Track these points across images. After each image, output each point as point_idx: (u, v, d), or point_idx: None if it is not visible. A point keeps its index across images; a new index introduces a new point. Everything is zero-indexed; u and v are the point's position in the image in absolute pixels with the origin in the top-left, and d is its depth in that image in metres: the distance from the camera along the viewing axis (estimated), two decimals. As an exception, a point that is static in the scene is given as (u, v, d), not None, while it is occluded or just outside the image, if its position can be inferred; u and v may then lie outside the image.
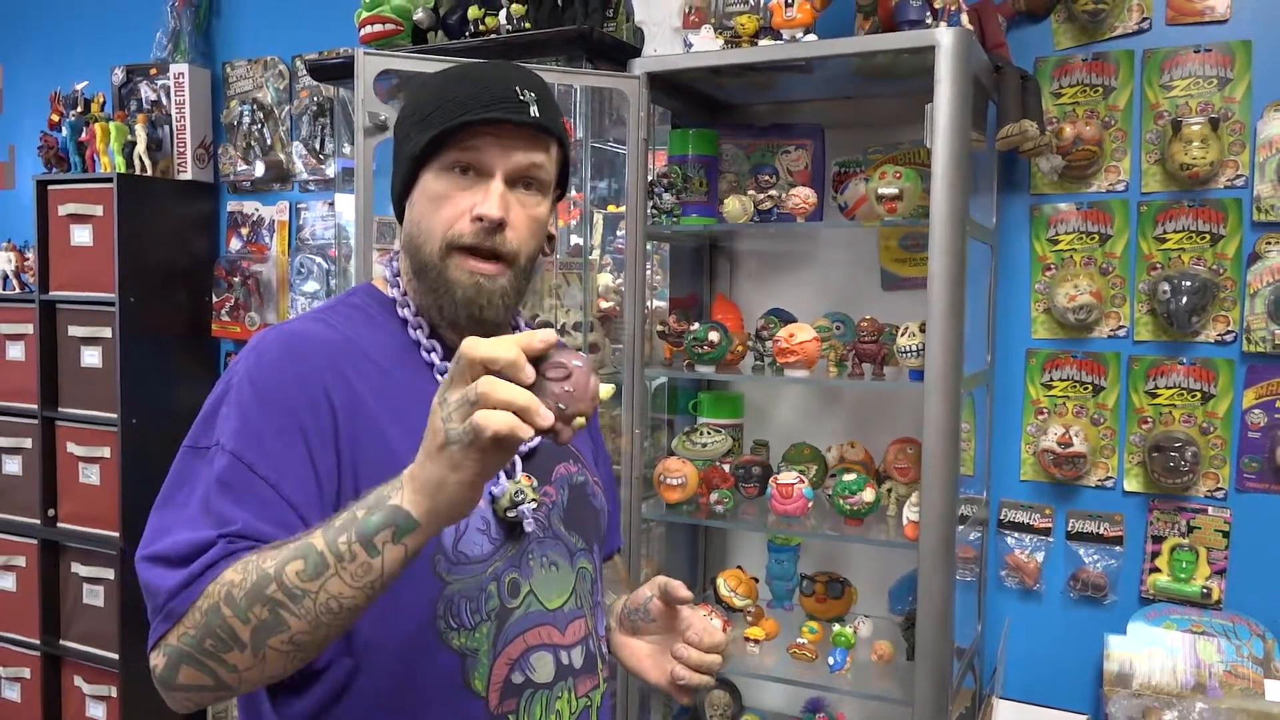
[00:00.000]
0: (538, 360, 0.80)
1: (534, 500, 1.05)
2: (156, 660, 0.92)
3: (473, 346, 0.78)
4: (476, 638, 1.01)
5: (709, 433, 2.15)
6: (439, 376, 1.08)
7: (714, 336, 1.95)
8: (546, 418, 0.77)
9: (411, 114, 1.07)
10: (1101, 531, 2.09)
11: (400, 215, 1.11)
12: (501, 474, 1.05)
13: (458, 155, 1.03)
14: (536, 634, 1.05)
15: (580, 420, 0.81)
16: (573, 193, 2.22)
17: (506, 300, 1.07)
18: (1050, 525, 2.13)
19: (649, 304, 2.17)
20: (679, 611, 1.15)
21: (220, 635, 0.86)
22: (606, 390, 0.87)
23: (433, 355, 1.08)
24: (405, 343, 1.09)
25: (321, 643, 0.87)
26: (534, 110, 1.03)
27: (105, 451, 2.95)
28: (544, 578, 1.07)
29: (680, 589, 1.12)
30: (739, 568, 2.15)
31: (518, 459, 1.09)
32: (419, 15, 2.25)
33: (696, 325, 1.99)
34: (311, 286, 3.00)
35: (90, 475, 2.99)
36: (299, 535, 0.87)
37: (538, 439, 1.03)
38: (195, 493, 0.94)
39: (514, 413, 0.76)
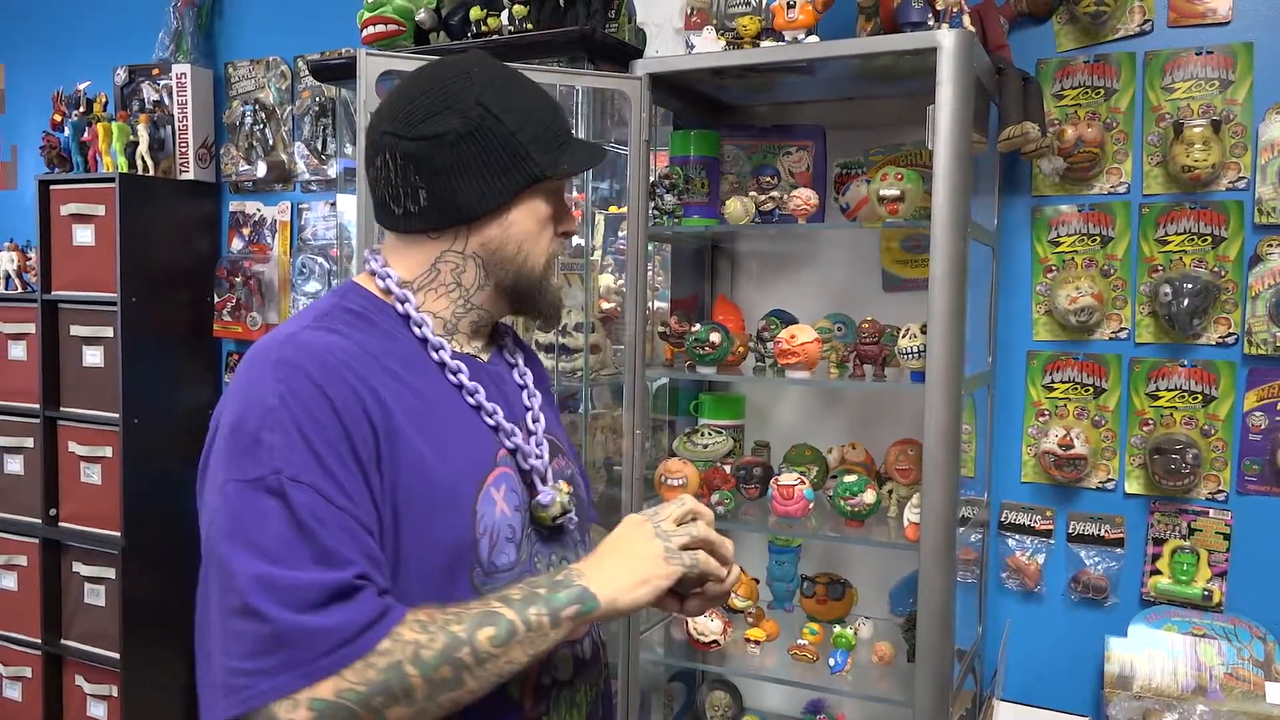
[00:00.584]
0: None
1: (573, 510, 1.11)
2: (295, 716, 0.83)
3: (700, 507, 1.11)
4: None
5: (710, 434, 2.15)
6: (468, 399, 1.07)
7: (715, 338, 1.95)
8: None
9: (515, 122, 1.06)
10: (1102, 533, 2.08)
11: (460, 220, 1.07)
12: (545, 482, 1.10)
13: (560, 184, 1.12)
14: None
15: None
16: (574, 194, 2.22)
17: None
18: (1051, 527, 2.13)
19: (650, 305, 2.17)
20: None
21: (394, 692, 0.86)
22: None
23: (460, 376, 1.07)
24: (413, 349, 1.06)
25: (468, 703, 0.91)
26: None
27: (107, 451, 2.95)
28: None
29: None
30: (740, 569, 2.15)
31: (551, 468, 1.12)
32: (421, 16, 2.25)
33: (698, 326, 1.99)
34: (313, 286, 3.00)
35: (92, 475, 2.99)
36: (470, 604, 0.93)
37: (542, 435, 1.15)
38: (275, 528, 0.87)
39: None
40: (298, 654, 0.83)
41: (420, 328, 1.07)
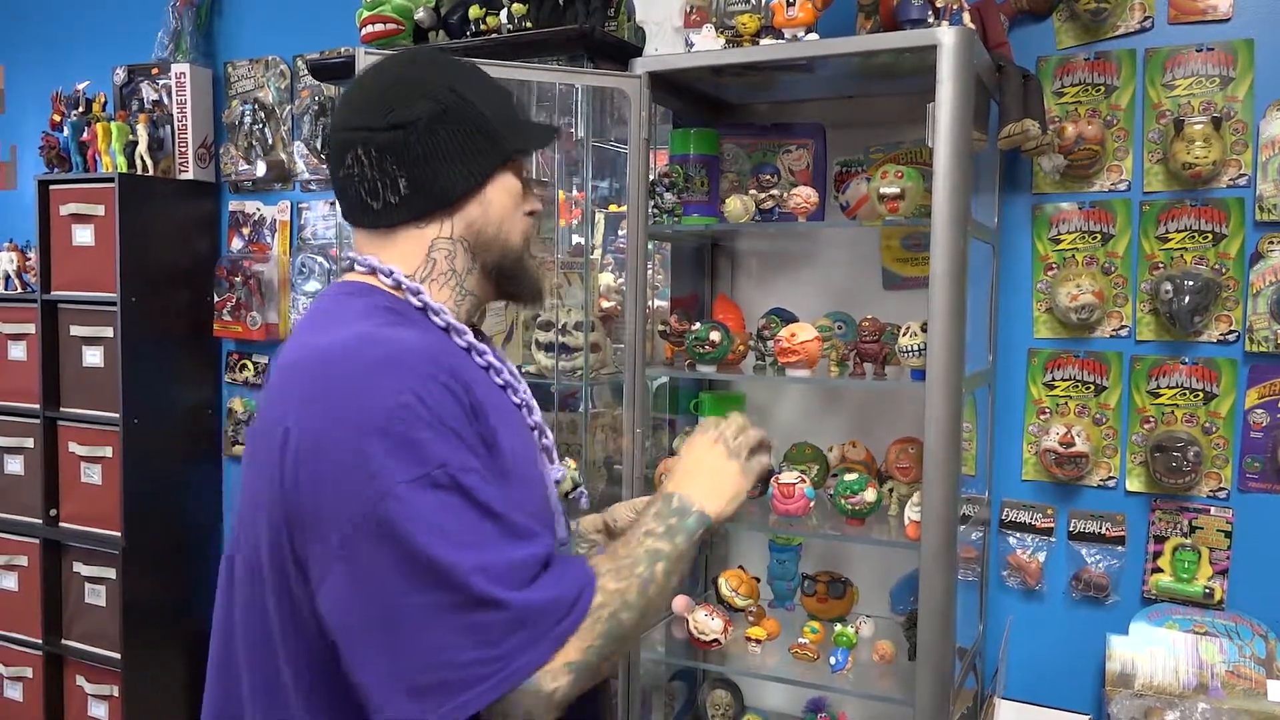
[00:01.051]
0: None
1: (582, 483, 1.18)
2: (558, 682, 0.90)
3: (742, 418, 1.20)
4: None
5: (710, 432, 2.14)
6: (496, 378, 1.11)
7: (715, 336, 1.95)
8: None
9: (484, 107, 1.08)
10: (1103, 531, 2.08)
11: (442, 205, 1.08)
12: (554, 460, 1.18)
13: (522, 164, 1.14)
14: None
15: None
16: (575, 192, 2.22)
17: None
18: (1052, 525, 2.13)
19: (650, 303, 2.17)
20: None
21: (617, 636, 0.95)
22: None
23: (488, 357, 1.11)
24: (449, 344, 1.07)
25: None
26: None
27: (107, 451, 2.95)
28: None
29: None
30: (740, 568, 2.15)
31: (554, 446, 1.19)
32: (420, 15, 2.25)
33: (698, 325, 1.99)
34: (313, 286, 3.00)
35: (92, 475, 2.99)
36: (627, 547, 1.01)
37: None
38: (464, 519, 0.90)
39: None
40: (539, 627, 0.89)
41: (439, 315, 1.08)
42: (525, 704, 0.89)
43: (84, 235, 2.95)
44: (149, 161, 3.00)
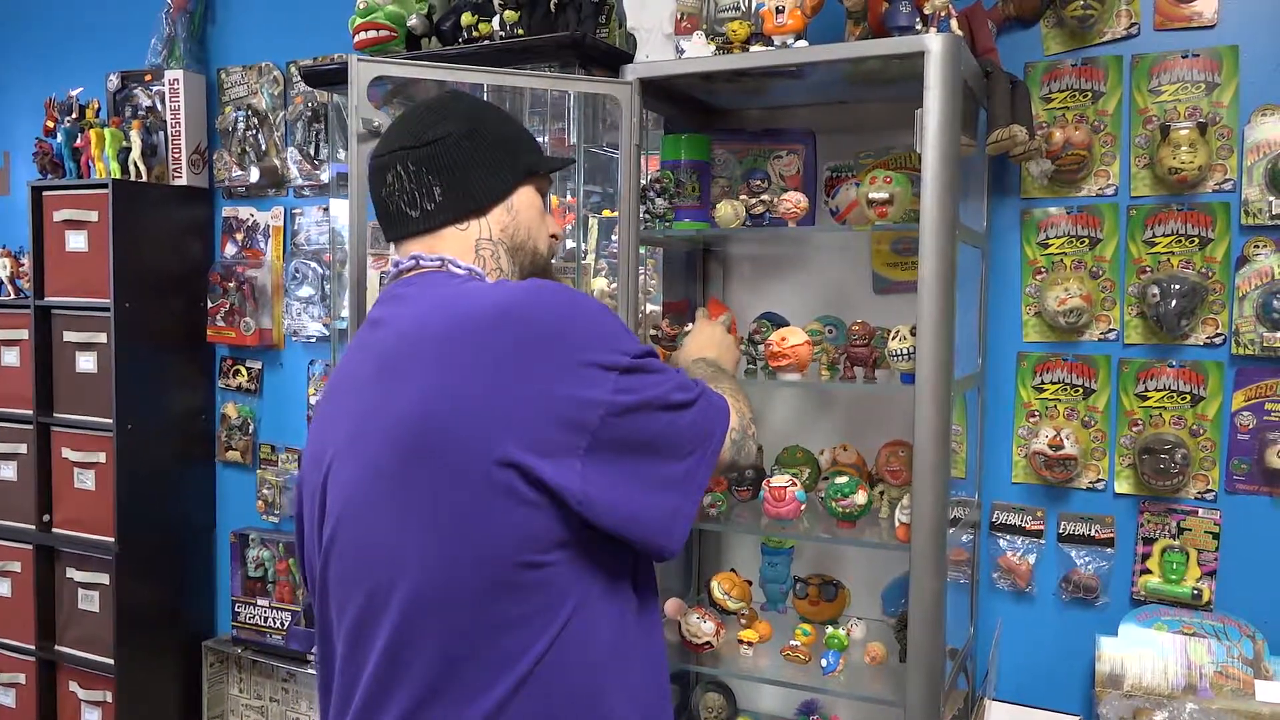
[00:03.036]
0: None
1: None
2: (726, 451, 1.22)
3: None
4: None
5: (702, 436, 2.15)
6: None
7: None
8: None
9: (509, 130, 1.26)
10: (1093, 533, 2.10)
11: (470, 213, 1.21)
12: None
13: (546, 185, 1.31)
14: None
15: None
16: (567, 198, 2.23)
17: None
18: (1042, 527, 2.14)
19: (643, 308, 2.18)
20: None
21: (743, 427, 1.30)
22: None
23: None
24: None
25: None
26: None
27: (100, 457, 2.95)
28: None
29: None
30: (732, 570, 2.16)
31: None
32: (413, 22, 2.26)
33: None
34: (306, 291, 3.01)
35: (85, 481, 2.99)
36: (709, 382, 1.28)
37: None
38: (673, 375, 1.13)
39: None
40: (720, 415, 1.19)
41: None
42: (737, 453, 1.26)
43: (77, 241, 2.96)
44: (142, 167, 3.00)
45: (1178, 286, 1.97)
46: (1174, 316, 1.97)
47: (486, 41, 2.15)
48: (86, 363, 2.97)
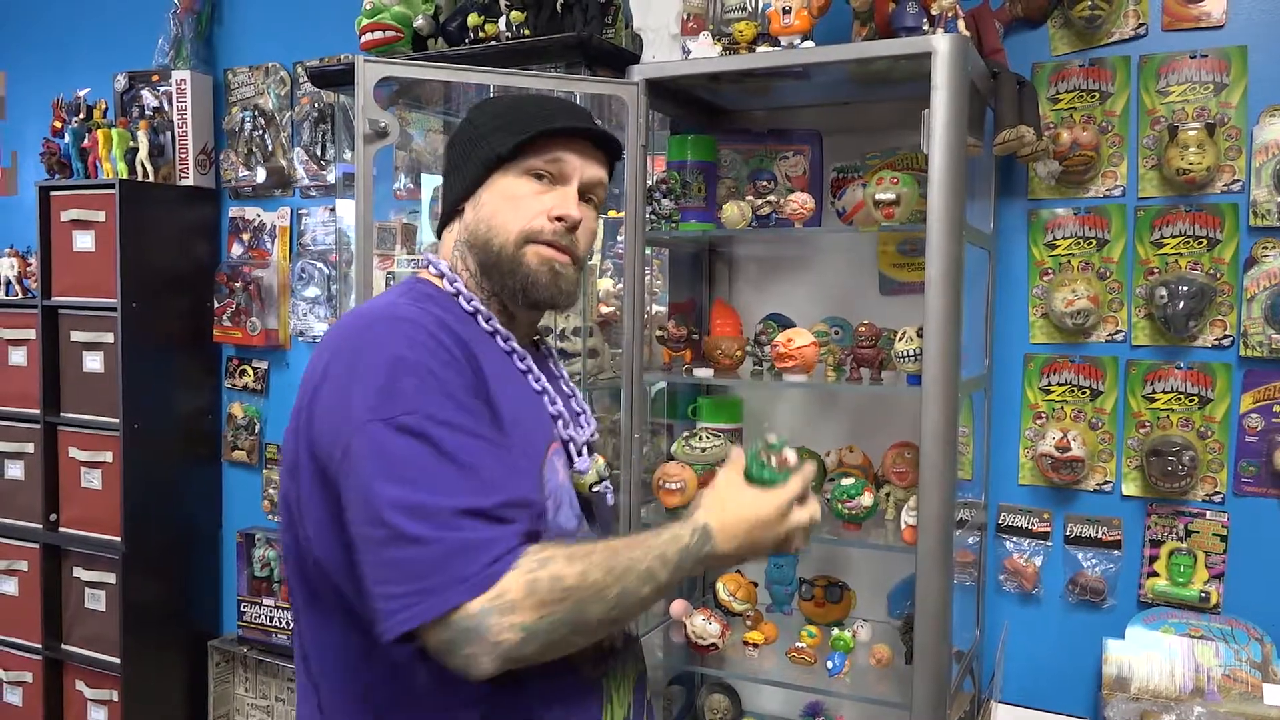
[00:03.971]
0: None
1: (608, 477, 1.20)
2: (504, 636, 0.93)
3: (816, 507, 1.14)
4: None
5: (708, 437, 2.15)
6: (520, 368, 1.17)
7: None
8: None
9: (486, 122, 1.18)
10: (1100, 535, 2.09)
11: (451, 217, 1.20)
12: (585, 453, 1.19)
13: (541, 163, 1.15)
14: None
15: None
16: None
17: (574, 292, 1.19)
18: (1048, 529, 2.14)
19: (648, 309, 2.18)
20: None
21: (573, 621, 0.96)
22: None
23: (511, 343, 1.17)
24: (479, 333, 1.14)
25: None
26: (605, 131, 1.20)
27: (107, 456, 2.96)
28: None
29: None
30: (738, 572, 2.15)
31: (586, 445, 1.21)
32: (419, 22, 2.26)
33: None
34: (312, 292, 3.01)
35: (92, 480, 3.00)
36: (624, 542, 1.03)
37: (594, 433, 1.26)
38: (421, 462, 0.95)
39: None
40: (467, 565, 0.92)
41: (469, 302, 1.15)
42: (467, 644, 0.92)
43: (85, 241, 2.96)
44: (149, 168, 3.01)
45: (1186, 288, 1.97)
46: (1182, 318, 1.97)
47: (493, 42, 2.15)
48: (93, 362, 2.98)
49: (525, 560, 0.94)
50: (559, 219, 1.14)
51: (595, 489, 1.18)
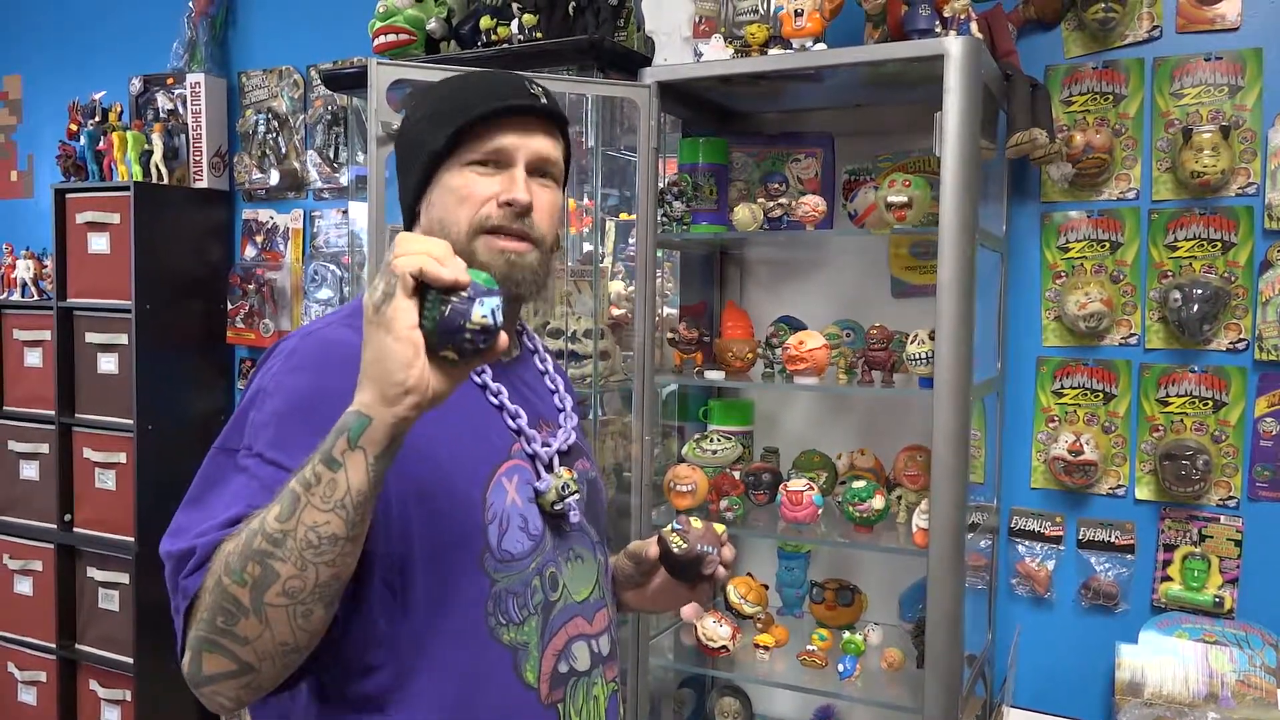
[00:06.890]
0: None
1: (576, 492, 1.11)
2: (185, 660, 0.93)
3: (404, 239, 0.84)
4: (525, 631, 1.05)
5: (719, 439, 2.15)
6: (475, 378, 1.10)
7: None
8: (454, 269, 0.82)
9: (422, 118, 1.10)
10: (1113, 540, 2.08)
11: (411, 221, 1.13)
12: (542, 470, 1.11)
13: (478, 153, 1.07)
14: (574, 625, 1.11)
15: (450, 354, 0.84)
16: (585, 200, 2.23)
17: (537, 279, 1.10)
18: (1061, 533, 2.13)
19: (660, 311, 2.18)
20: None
21: (227, 608, 0.87)
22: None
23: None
24: None
25: (316, 591, 0.85)
26: (544, 100, 1.10)
27: (121, 457, 2.97)
28: (573, 571, 1.12)
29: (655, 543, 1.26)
30: (749, 574, 2.15)
31: (556, 455, 1.14)
32: (432, 25, 2.27)
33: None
34: (325, 294, 3.02)
35: (106, 481, 3.02)
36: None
37: (571, 437, 1.17)
38: (225, 495, 0.97)
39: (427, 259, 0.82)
40: (175, 599, 0.98)
41: None
42: (187, 671, 0.92)
43: (99, 243, 2.98)
44: (164, 170, 3.03)
45: (1200, 291, 1.96)
46: (1196, 321, 1.96)
47: (505, 45, 2.16)
48: (108, 364, 3.00)
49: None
50: (507, 204, 1.06)
51: (557, 507, 1.09)
